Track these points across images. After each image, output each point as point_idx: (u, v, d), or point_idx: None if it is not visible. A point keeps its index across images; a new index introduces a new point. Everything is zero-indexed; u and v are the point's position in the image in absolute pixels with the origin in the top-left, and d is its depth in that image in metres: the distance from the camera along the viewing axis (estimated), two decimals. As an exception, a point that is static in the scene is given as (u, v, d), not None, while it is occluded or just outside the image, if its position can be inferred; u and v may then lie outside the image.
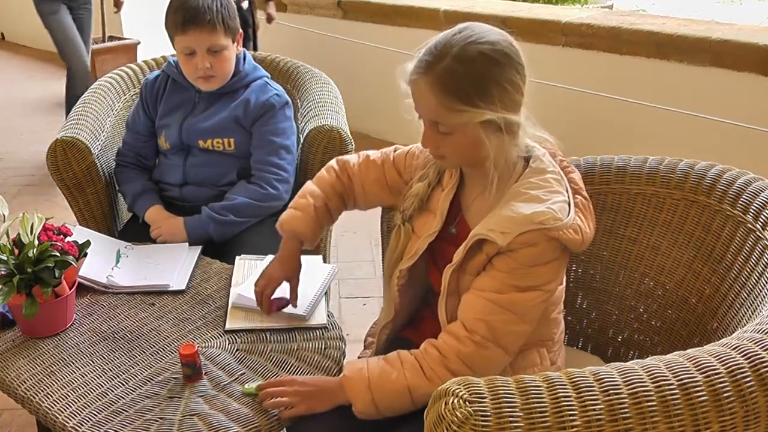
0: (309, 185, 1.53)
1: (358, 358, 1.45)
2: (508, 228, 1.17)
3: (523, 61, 1.21)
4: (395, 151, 1.50)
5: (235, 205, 1.90)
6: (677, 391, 0.87)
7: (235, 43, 1.96)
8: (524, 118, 1.23)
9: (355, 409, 1.24)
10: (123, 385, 1.35)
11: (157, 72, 2.10)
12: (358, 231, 3.05)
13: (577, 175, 1.31)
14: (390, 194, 1.50)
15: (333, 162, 1.55)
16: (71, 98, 3.86)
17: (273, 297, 1.49)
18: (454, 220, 1.34)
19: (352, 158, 1.54)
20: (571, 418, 0.85)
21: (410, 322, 1.48)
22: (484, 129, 1.19)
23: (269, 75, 2.08)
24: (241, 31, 1.97)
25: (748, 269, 1.28)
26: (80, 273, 1.59)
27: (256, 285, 1.49)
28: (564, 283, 1.35)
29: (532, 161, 1.26)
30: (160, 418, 1.27)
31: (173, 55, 2.04)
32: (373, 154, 1.52)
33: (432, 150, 1.27)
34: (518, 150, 1.25)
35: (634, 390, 0.87)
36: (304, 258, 1.53)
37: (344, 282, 2.56)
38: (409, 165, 1.46)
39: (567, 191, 1.24)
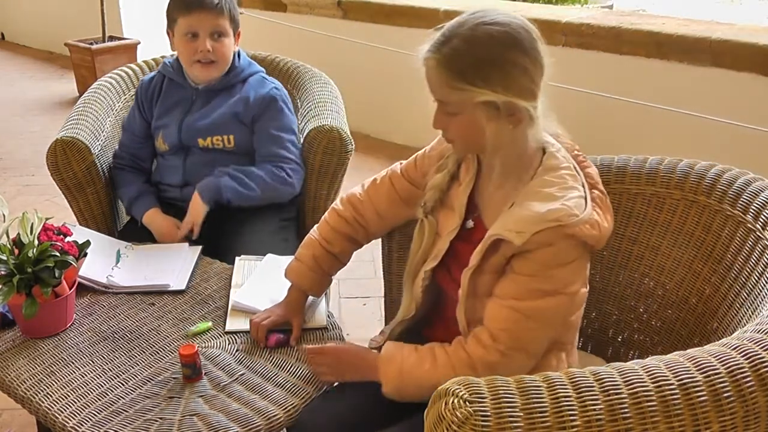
0: (312, 232, 1.54)
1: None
2: (524, 227, 1.15)
3: (540, 49, 1.20)
4: (401, 164, 1.49)
5: (248, 170, 1.91)
6: (677, 391, 0.87)
7: (234, 38, 1.97)
8: (540, 110, 1.21)
9: (383, 389, 1.28)
10: (123, 385, 1.35)
11: (152, 73, 2.10)
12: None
13: (593, 170, 1.28)
14: (406, 207, 1.47)
15: (337, 200, 1.55)
16: None
17: (273, 333, 1.47)
18: (470, 215, 1.32)
19: (357, 189, 1.54)
20: (571, 418, 0.85)
21: (425, 319, 1.45)
22: (485, 111, 1.18)
23: (264, 70, 2.09)
24: (239, 30, 1.98)
25: (748, 269, 1.27)
26: (80, 273, 1.59)
27: (255, 317, 1.49)
28: (588, 286, 1.29)
29: (546, 158, 1.24)
30: (160, 418, 1.27)
31: (172, 55, 2.04)
32: (378, 176, 1.52)
33: (443, 132, 1.27)
34: (531, 142, 1.23)
35: (634, 390, 0.87)
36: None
37: (344, 282, 2.56)
38: (420, 167, 1.44)
39: (583, 186, 1.22)
